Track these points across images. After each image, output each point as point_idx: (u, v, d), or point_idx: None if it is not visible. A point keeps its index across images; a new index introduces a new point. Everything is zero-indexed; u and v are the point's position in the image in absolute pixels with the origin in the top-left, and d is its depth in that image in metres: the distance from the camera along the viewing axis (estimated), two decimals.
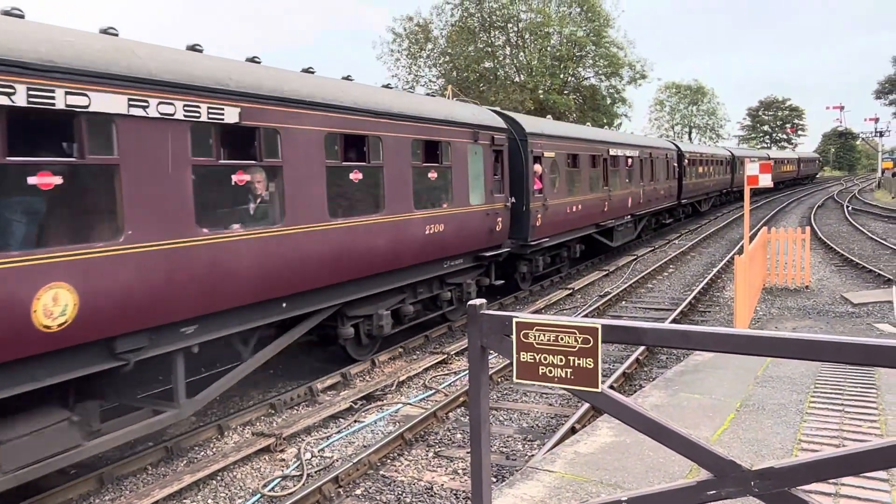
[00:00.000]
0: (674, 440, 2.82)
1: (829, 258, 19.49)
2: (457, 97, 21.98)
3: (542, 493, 4.72)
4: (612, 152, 20.40)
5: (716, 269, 17.56)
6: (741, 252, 11.89)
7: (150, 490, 6.20)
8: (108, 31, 6.41)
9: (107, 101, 5.81)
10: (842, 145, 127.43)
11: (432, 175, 11.14)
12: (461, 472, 6.54)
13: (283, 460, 7.03)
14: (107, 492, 6.42)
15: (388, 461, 6.92)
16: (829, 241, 22.41)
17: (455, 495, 6.10)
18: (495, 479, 6.20)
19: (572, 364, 2.92)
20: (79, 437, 5.90)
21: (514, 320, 3.05)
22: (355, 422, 8.04)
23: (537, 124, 16.12)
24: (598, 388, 2.89)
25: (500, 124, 13.76)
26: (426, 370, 9.90)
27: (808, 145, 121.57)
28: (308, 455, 7.09)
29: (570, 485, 4.84)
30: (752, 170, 11.86)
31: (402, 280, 10.39)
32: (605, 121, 46.29)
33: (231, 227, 7.30)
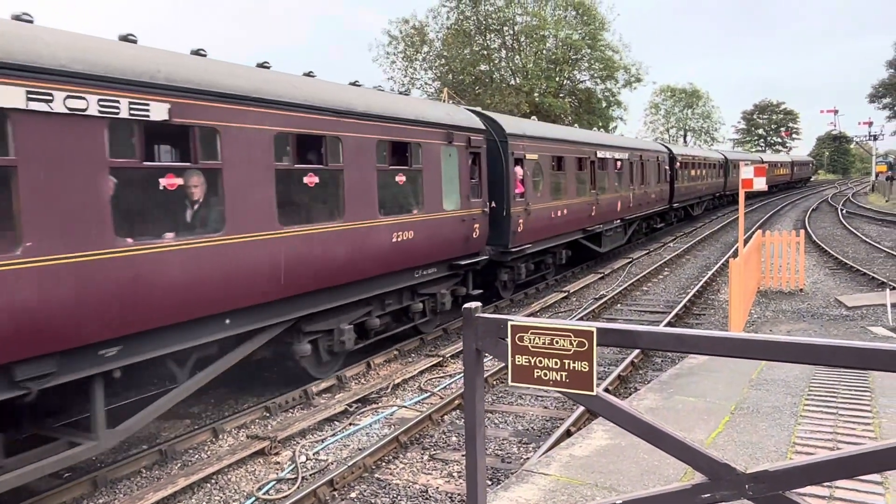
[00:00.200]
0: (668, 443, 2.82)
1: (823, 261, 19.56)
2: (452, 100, 21.97)
3: (537, 496, 4.71)
4: (600, 154, 19.91)
5: (711, 272, 17.59)
6: (736, 255, 11.92)
7: (144, 493, 6.17)
8: (22, 18, 5.77)
9: None
10: (836, 149, 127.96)
11: (400, 179, 10.38)
12: (456, 474, 6.54)
13: (278, 463, 7.02)
14: (100, 495, 6.39)
15: (384, 464, 6.91)
16: (823, 245, 22.49)
17: (450, 498, 6.09)
18: (490, 482, 6.20)
19: (567, 367, 2.92)
20: None
21: (510, 323, 3.05)
22: (350, 424, 8.02)
23: (519, 125, 15.52)
24: (593, 391, 2.90)
25: (478, 125, 13.10)
26: (421, 373, 9.89)
27: (802, 149, 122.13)
28: (303, 458, 7.07)
29: (564, 488, 4.84)
30: (746, 173, 11.92)
31: (366, 291, 9.62)
32: (601, 124, 46.40)
33: (163, 236, 6.58)
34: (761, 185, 11.84)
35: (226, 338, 7.40)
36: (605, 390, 7.85)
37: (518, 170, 14.19)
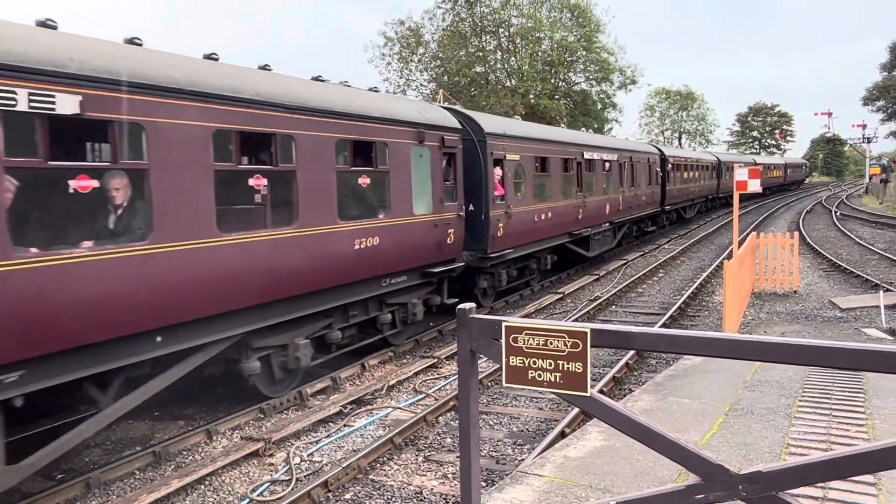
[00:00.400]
0: (662, 444, 2.82)
1: (817, 263, 19.62)
2: (448, 101, 21.96)
3: (532, 498, 4.71)
4: (588, 155, 19.26)
5: (705, 274, 17.64)
6: (730, 257, 11.95)
7: (137, 495, 6.15)
8: None
9: None
10: (830, 151, 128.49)
11: (364, 181, 9.63)
12: (451, 476, 6.53)
13: (272, 465, 7.00)
14: (94, 496, 6.37)
15: (378, 465, 6.90)
16: (817, 247, 22.57)
17: (445, 500, 6.09)
18: (485, 484, 6.20)
19: (561, 368, 2.92)
20: None
21: (504, 324, 3.05)
22: (345, 426, 8.01)
23: (498, 124, 14.83)
24: (587, 392, 2.90)
25: (452, 123, 12.34)
26: (416, 374, 9.89)
27: (796, 151, 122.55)
28: (297, 459, 7.05)
29: (559, 489, 4.84)
30: (741, 175, 11.95)
31: (325, 303, 8.89)
32: (596, 125, 46.50)
33: (77, 245, 5.88)
34: (756, 187, 11.89)
35: (158, 357, 6.72)
36: (600, 392, 7.86)
37: (497, 171, 13.58)
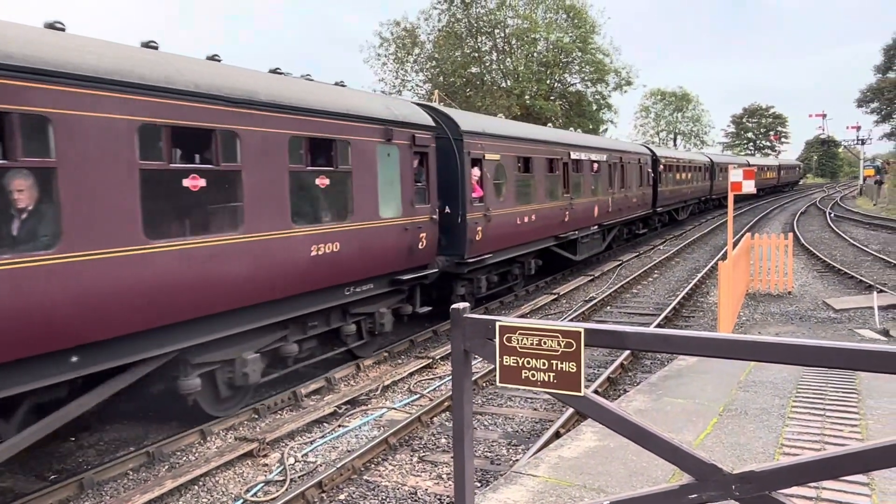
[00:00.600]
0: (656, 444, 2.82)
1: (811, 264, 19.69)
2: (443, 101, 21.92)
3: (526, 498, 4.71)
4: (574, 156, 18.51)
5: (700, 275, 17.67)
6: (725, 258, 11.98)
7: (131, 495, 6.13)
8: None
9: None
10: (824, 153, 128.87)
11: (322, 182, 8.89)
12: (445, 476, 6.53)
13: (267, 465, 6.98)
14: (87, 497, 6.34)
15: (373, 466, 6.89)
16: (811, 248, 22.64)
17: (439, 500, 6.09)
18: (480, 484, 6.20)
19: (555, 368, 2.92)
20: None
21: (497, 324, 3.05)
22: (339, 426, 8.00)
23: (477, 122, 14.10)
24: (580, 391, 2.90)
25: (425, 120, 11.55)
26: (411, 374, 9.88)
27: (791, 152, 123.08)
28: (291, 460, 7.04)
29: (553, 489, 4.85)
30: (735, 176, 11.99)
31: (278, 314, 8.27)
32: (591, 126, 46.58)
33: None
34: (750, 187, 11.92)
35: (75, 378, 6.07)
36: (595, 392, 7.87)
37: (476, 171, 12.91)
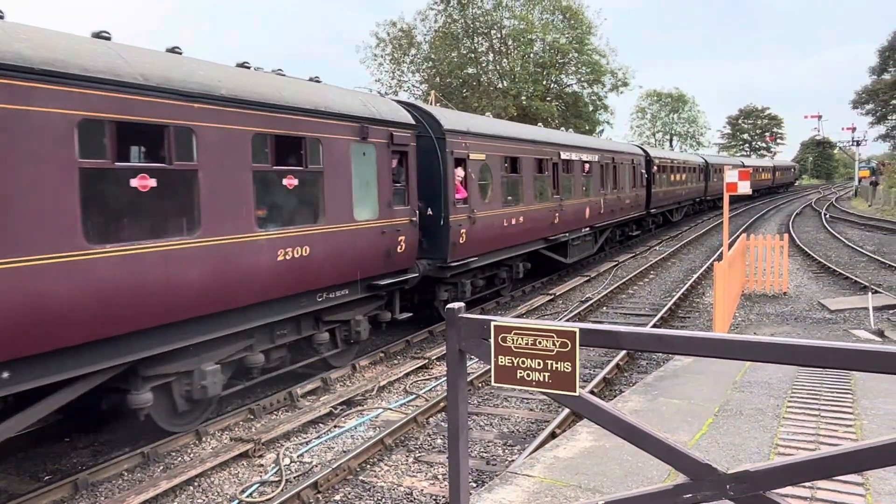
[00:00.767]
0: (651, 444, 2.82)
1: (806, 265, 19.74)
2: (440, 102, 21.89)
3: (521, 498, 4.71)
4: (565, 156, 18.07)
5: (696, 276, 17.70)
6: (720, 258, 12.00)
7: (125, 496, 6.11)
8: None
9: None
10: (820, 154, 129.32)
11: (290, 182, 8.46)
12: (441, 477, 6.52)
13: (262, 466, 6.97)
14: (81, 498, 6.32)
15: (368, 466, 6.88)
16: (806, 249, 22.70)
17: (435, 501, 6.08)
18: (475, 485, 6.19)
19: (550, 368, 2.92)
20: None
21: (493, 324, 3.04)
22: (335, 427, 7.99)
23: (460, 120, 13.59)
24: (576, 391, 2.90)
25: (404, 118, 11.15)
26: (407, 375, 9.87)
27: (786, 154, 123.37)
28: (287, 460, 7.03)
29: (548, 489, 4.84)
30: (731, 177, 12.00)
31: (241, 322, 7.83)
32: (588, 127, 46.63)
33: None
34: (746, 188, 11.93)
35: (6, 396, 5.69)
36: (591, 392, 7.87)
37: (459, 171, 12.51)
